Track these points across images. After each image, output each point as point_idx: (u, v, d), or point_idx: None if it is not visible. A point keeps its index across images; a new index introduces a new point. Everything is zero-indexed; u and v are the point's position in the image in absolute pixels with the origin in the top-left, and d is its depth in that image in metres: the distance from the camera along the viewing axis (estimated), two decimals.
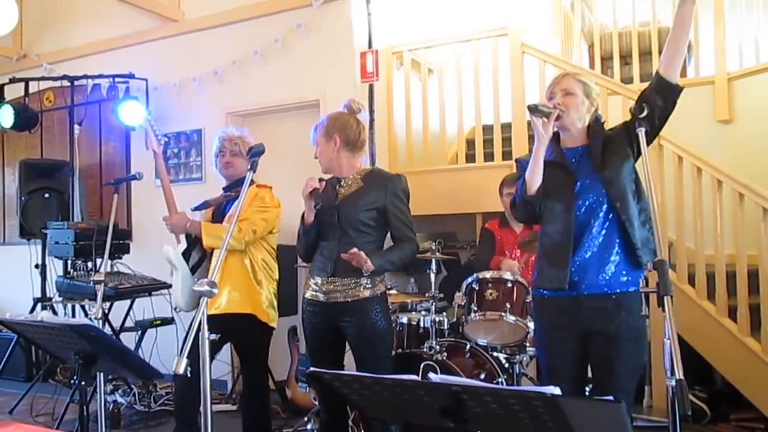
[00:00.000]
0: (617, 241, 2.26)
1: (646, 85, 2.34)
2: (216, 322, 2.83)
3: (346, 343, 2.75)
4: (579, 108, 2.33)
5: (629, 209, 2.24)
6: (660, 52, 5.26)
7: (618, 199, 2.24)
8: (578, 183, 2.31)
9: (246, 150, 3.05)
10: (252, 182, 3.16)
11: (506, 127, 4.56)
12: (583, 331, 2.28)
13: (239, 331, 3.00)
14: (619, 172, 2.26)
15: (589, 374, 2.54)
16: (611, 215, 2.26)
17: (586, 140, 2.37)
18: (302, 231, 2.72)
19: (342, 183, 2.72)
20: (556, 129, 2.36)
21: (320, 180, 2.63)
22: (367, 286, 2.63)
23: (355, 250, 2.51)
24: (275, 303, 3.16)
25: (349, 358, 2.80)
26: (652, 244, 2.24)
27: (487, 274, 3.37)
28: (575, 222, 2.27)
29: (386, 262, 2.63)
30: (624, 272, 2.26)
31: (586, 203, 2.29)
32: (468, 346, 3.39)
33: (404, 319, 3.65)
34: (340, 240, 2.62)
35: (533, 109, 2.25)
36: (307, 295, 2.73)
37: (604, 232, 2.27)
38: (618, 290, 2.25)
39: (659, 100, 2.21)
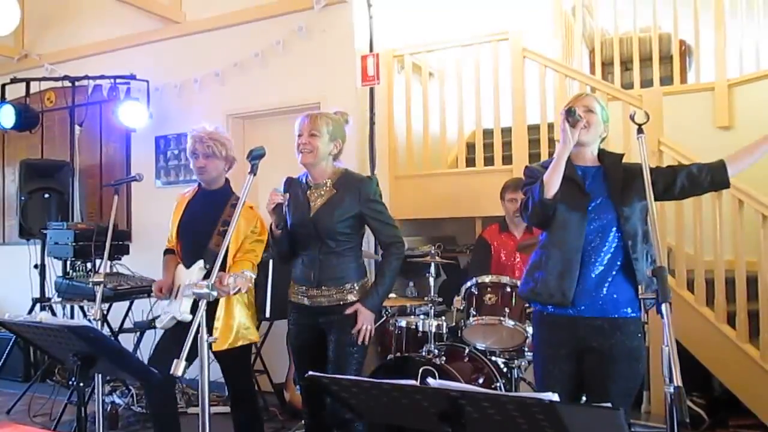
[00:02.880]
0: (619, 270, 2.29)
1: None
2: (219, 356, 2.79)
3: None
4: (597, 128, 2.37)
5: (638, 248, 2.28)
6: (660, 58, 5.32)
7: (630, 237, 2.28)
8: (592, 203, 2.32)
9: (221, 150, 2.89)
10: (235, 196, 2.94)
11: (506, 132, 4.56)
12: (580, 348, 2.31)
13: (228, 361, 2.88)
14: (634, 211, 2.30)
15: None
16: (620, 248, 2.29)
17: (597, 162, 2.41)
18: (272, 242, 2.71)
19: (313, 189, 2.69)
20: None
21: (285, 192, 2.59)
22: (351, 290, 2.64)
23: (357, 330, 2.56)
24: (255, 313, 3.03)
25: None
26: (654, 287, 2.24)
27: (486, 279, 3.37)
28: (585, 241, 2.29)
29: (384, 292, 2.64)
30: (620, 298, 2.29)
31: (596, 225, 2.31)
32: (466, 351, 3.40)
33: (403, 323, 3.65)
34: (320, 250, 2.62)
35: (572, 113, 2.26)
36: (292, 298, 2.76)
37: (609, 257, 2.29)
38: (615, 315, 2.28)
39: (707, 182, 2.35)
